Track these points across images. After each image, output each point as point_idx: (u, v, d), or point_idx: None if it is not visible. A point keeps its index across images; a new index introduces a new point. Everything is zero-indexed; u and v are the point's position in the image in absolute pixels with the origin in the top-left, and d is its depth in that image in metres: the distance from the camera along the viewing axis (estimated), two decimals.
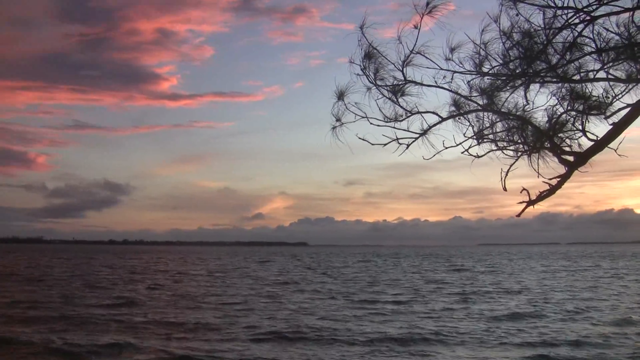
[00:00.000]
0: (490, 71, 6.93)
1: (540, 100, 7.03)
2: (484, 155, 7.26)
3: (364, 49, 6.98)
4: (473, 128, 7.24)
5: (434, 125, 7.14)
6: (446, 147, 7.17)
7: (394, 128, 7.22)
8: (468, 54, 6.95)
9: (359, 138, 7.23)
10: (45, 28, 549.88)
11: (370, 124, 7.27)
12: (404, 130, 7.22)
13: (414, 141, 7.21)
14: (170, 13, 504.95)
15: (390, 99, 7.15)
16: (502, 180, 7.19)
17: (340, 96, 7.28)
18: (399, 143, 7.24)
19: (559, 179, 6.89)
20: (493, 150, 7.28)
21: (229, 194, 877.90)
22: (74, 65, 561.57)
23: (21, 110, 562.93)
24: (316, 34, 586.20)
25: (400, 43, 6.85)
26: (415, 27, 6.67)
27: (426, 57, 6.87)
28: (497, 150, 7.28)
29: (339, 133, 7.35)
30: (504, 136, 7.32)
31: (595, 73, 6.69)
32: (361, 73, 7.10)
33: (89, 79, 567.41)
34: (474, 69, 6.96)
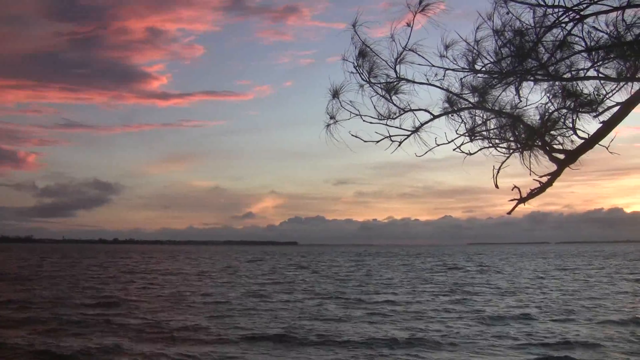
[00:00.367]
0: (483, 69, 6.98)
1: (534, 98, 7.09)
2: (476, 152, 7.31)
3: (358, 47, 7.03)
4: (465, 125, 7.29)
5: (426, 122, 7.20)
6: (438, 144, 7.22)
7: (386, 125, 7.27)
8: (461, 51, 7.01)
9: (352, 135, 7.27)
10: (35, 26, 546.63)
11: (364, 121, 7.32)
12: (397, 127, 7.27)
13: (406, 138, 7.26)
14: (161, 12, 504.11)
15: (383, 96, 7.20)
16: (494, 177, 7.23)
17: (335, 94, 7.32)
18: (392, 140, 7.29)
19: (549, 177, 6.93)
20: (485, 147, 7.32)
21: (220, 193, 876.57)
22: (64, 63, 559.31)
23: (11, 108, 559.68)
24: (307, 33, 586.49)
25: (393, 41, 6.92)
26: (408, 25, 6.72)
27: (419, 55, 6.93)
28: (490, 147, 7.32)
29: (333, 131, 7.39)
30: (496, 133, 7.37)
31: (585, 71, 6.75)
32: (354, 71, 7.15)
33: (79, 77, 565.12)
34: (467, 67, 7.01)
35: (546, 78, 6.83)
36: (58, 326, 22.89)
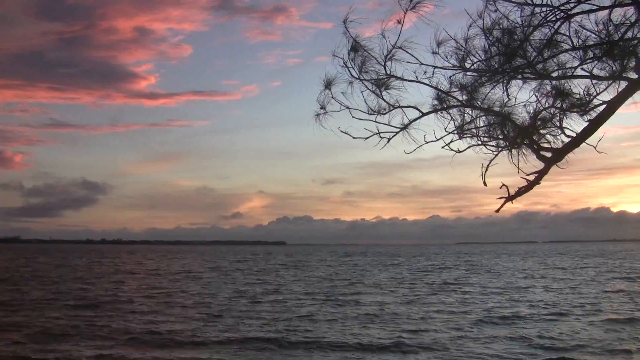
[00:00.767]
0: (472, 67, 7.03)
1: (523, 96, 7.15)
2: (465, 150, 7.36)
3: (350, 42, 7.08)
4: (454, 123, 7.34)
5: (415, 119, 7.25)
6: (427, 142, 7.26)
7: (375, 122, 7.33)
8: (451, 50, 7.06)
9: (342, 131, 7.31)
10: (22, 26, 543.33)
11: (353, 117, 7.36)
12: (386, 124, 7.32)
13: (395, 135, 7.30)
14: (149, 11, 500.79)
15: (374, 92, 7.25)
16: (483, 175, 7.28)
17: (328, 85, 7.36)
18: (381, 137, 7.34)
19: (536, 175, 6.99)
20: (474, 145, 7.37)
21: (207, 192, 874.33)
22: (52, 63, 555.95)
23: None
24: (294, 33, 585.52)
25: (384, 38, 6.97)
26: (399, 22, 6.76)
27: (409, 53, 6.98)
28: (478, 145, 7.37)
29: (323, 122, 7.44)
30: (485, 131, 7.41)
31: (573, 70, 6.82)
32: (345, 66, 7.19)
33: (66, 77, 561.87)
34: (456, 65, 7.06)
35: (534, 77, 6.89)
36: (43, 331, 22.27)
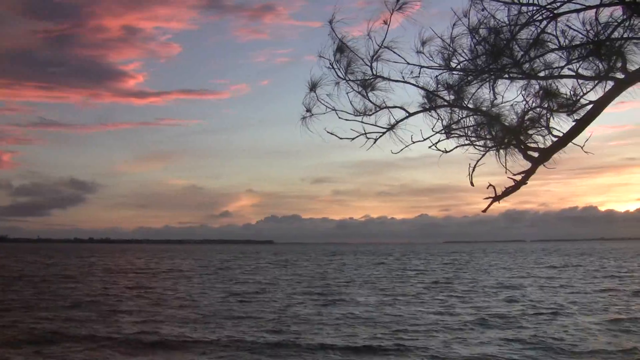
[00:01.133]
0: (458, 66, 7.01)
1: (511, 96, 7.13)
2: (452, 150, 7.33)
3: (336, 42, 7.04)
4: (442, 122, 7.31)
5: (402, 120, 7.22)
6: (414, 142, 7.23)
7: (362, 122, 7.29)
8: (437, 49, 7.03)
9: (328, 132, 7.28)
10: (10, 24, 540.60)
11: (339, 117, 7.32)
12: (372, 125, 7.29)
13: (381, 135, 7.27)
14: (137, 10, 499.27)
15: (360, 92, 7.21)
16: (470, 175, 7.25)
17: (313, 87, 7.32)
18: (367, 137, 7.30)
19: (523, 175, 6.97)
20: (461, 145, 7.35)
21: (196, 191, 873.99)
22: (40, 62, 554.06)
23: None
24: (283, 31, 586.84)
25: (370, 39, 6.94)
26: (385, 23, 6.73)
27: (395, 52, 6.95)
28: (466, 145, 7.35)
29: (309, 125, 7.40)
30: (472, 131, 7.39)
31: (560, 70, 6.81)
32: (331, 67, 7.16)
33: (54, 75, 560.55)
34: (443, 64, 7.04)
35: (521, 76, 6.88)
36: (29, 332, 21.75)
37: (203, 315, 26.39)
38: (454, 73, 7.04)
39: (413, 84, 7.10)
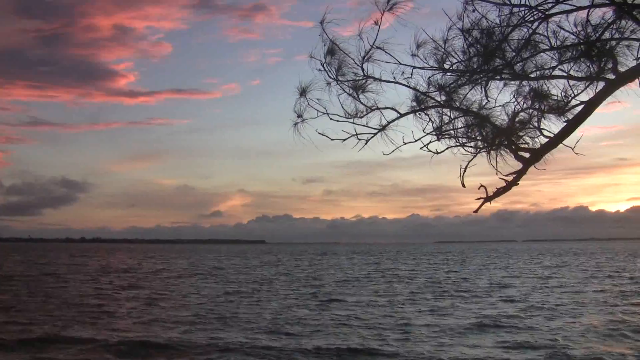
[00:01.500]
0: (450, 68, 7.00)
1: (503, 98, 7.13)
2: (443, 151, 7.32)
3: (327, 44, 7.02)
4: (433, 124, 7.30)
5: (393, 121, 7.19)
6: (405, 143, 7.21)
7: (353, 124, 7.27)
8: (429, 50, 7.01)
9: (319, 133, 7.25)
10: (1, 23, 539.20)
11: (331, 119, 7.30)
12: (364, 125, 7.27)
13: (372, 136, 7.24)
14: (128, 9, 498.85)
15: (351, 95, 7.19)
16: (461, 176, 7.24)
17: (303, 92, 7.29)
18: (358, 139, 7.28)
19: (514, 175, 6.97)
20: (452, 146, 7.34)
21: (187, 191, 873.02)
22: (31, 61, 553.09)
23: None
24: (274, 31, 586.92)
25: (361, 39, 6.91)
26: (376, 24, 6.72)
27: (387, 53, 6.93)
28: (457, 146, 7.34)
29: (301, 129, 7.38)
30: (463, 132, 7.38)
31: (551, 71, 6.81)
32: (322, 69, 7.13)
33: (45, 75, 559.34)
34: (435, 66, 7.03)
35: (512, 77, 6.88)
36: (19, 339, 20.77)
37: (197, 317, 26.07)
38: (446, 75, 7.03)
39: (404, 85, 7.08)
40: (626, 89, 6.33)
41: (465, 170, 7.23)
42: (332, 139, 7.27)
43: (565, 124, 6.69)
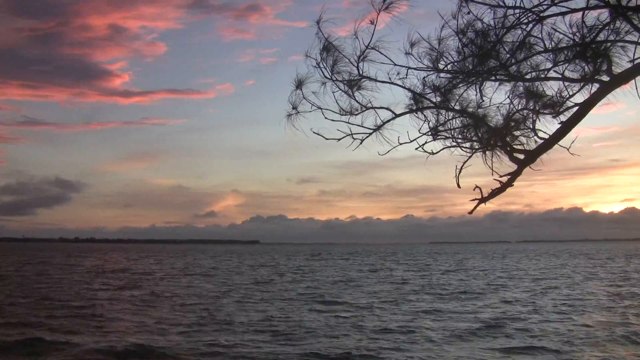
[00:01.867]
0: (445, 68, 7.02)
1: (499, 98, 7.14)
2: (439, 151, 7.33)
3: (322, 42, 7.03)
4: (429, 124, 7.31)
5: (388, 121, 7.21)
6: (400, 143, 7.22)
7: (348, 123, 7.28)
8: (424, 51, 7.03)
9: (314, 133, 7.26)
10: None
11: (325, 117, 7.31)
12: (358, 125, 7.28)
13: (368, 136, 7.26)
14: (123, 9, 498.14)
15: (346, 92, 7.21)
16: (456, 176, 7.25)
17: (299, 85, 7.31)
18: (353, 138, 7.30)
19: (509, 177, 6.99)
20: (448, 147, 7.35)
21: (182, 191, 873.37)
22: (25, 60, 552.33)
23: None
24: (269, 31, 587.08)
25: (357, 39, 6.93)
26: (372, 23, 6.73)
27: (382, 53, 6.94)
28: (452, 147, 7.35)
29: (294, 122, 7.39)
30: (459, 133, 7.40)
31: (546, 72, 6.83)
32: (318, 66, 7.15)
33: (39, 74, 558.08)
34: (430, 66, 7.04)
35: (507, 78, 6.90)
36: (10, 343, 20.17)
37: (192, 320, 25.59)
38: (442, 75, 7.04)
39: (399, 85, 7.10)
40: (621, 90, 6.34)
41: (460, 171, 7.24)
42: (327, 138, 7.29)
43: (560, 125, 6.71)
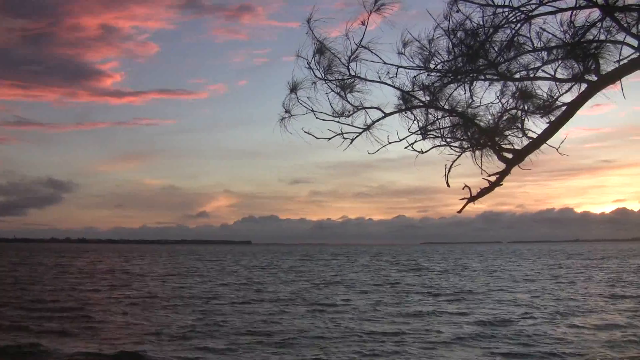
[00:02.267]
0: (435, 68, 7.05)
1: (489, 98, 7.18)
2: (428, 150, 7.36)
3: (314, 42, 7.05)
4: (418, 123, 7.35)
5: (378, 120, 7.25)
6: (390, 142, 7.26)
7: (339, 123, 7.32)
8: (415, 50, 7.06)
9: (305, 132, 7.29)
10: None
11: (317, 118, 7.35)
12: (349, 125, 7.32)
13: (358, 135, 7.29)
14: (115, 9, 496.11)
15: (338, 93, 7.24)
16: (446, 175, 7.28)
17: (294, 89, 7.34)
18: (344, 137, 7.33)
19: (498, 176, 7.02)
20: (437, 146, 7.38)
21: (173, 191, 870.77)
22: (16, 60, 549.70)
23: None
24: (261, 32, 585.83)
25: (348, 39, 6.97)
26: (363, 24, 6.77)
27: (373, 53, 6.98)
28: (442, 146, 7.38)
29: (287, 125, 7.42)
30: (448, 132, 7.43)
31: (535, 72, 6.88)
32: (309, 67, 7.18)
33: (31, 74, 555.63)
34: (420, 66, 7.07)
35: (496, 78, 6.93)
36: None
37: (183, 324, 24.77)
38: (431, 75, 7.08)
39: (389, 85, 7.13)
40: (610, 90, 6.38)
41: (449, 170, 7.27)
42: (318, 138, 7.32)
43: (548, 124, 6.76)
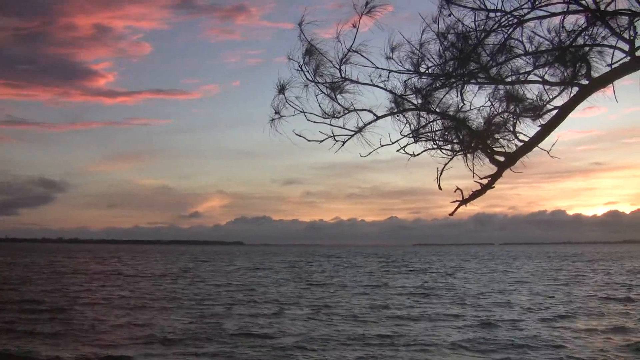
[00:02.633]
0: (427, 71, 7.06)
1: (480, 101, 7.20)
2: (420, 154, 7.37)
3: (304, 45, 7.06)
4: (410, 126, 7.35)
5: (370, 123, 7.25)
6: (382, 145, 7.26)
7: (330, 125, 7.32)
8: (406, 54, 7.07)
9: (296, 134, 7.29)
10: None
11: (308, 120, 7.33)
12: (340, 127, 7.32)
13: (349, 138, 7.29)
14: (108, 9, 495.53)
15: (329, 95, 7.24)
16: (437, 178, 7.29)
17: (282, 90, 7.33)
18: (335, 140, 7.33)
19: (489, 179, 7.04)
20: (429, 149, 7.39)
21: (166, 192, 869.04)
22: (9, 59, 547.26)
23: None
24: (255, 32, 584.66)
25: (339, 42, 6.96)
26: (354, 26, 6.77)
27: (363, 56, 6.98)
28: (434, 149, 7.39)
29: (277, 127, 7.41)
30: (440, 135, 7.44)
31: (526, 75, 6.90)
32: (300, 69, 7.17)
33: (24, 73, 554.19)
34: (412, 69, 7.08)
35: (488, 81, 6.95)
36: None
37: (175, 327, 24.58)
38: (423, 78, 7.09)
39: (381, 87, 7.14)
40: (601, 94, 6.41)
41: (441, 173, 7.29)
42: (309, 140, 7.32)
43: (539, 128, 6.78)
